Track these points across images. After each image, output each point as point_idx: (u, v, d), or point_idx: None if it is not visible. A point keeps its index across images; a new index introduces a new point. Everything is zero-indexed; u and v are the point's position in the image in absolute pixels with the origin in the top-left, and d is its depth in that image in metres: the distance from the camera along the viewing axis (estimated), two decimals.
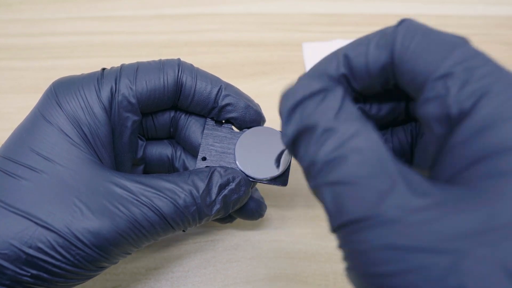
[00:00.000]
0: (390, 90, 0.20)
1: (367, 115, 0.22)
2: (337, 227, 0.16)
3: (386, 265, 0.14)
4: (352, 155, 0.15)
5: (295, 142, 0.18)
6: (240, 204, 0.27)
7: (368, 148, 0.16)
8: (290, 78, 0.42)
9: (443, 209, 0.14)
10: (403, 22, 0.19)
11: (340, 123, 0.16)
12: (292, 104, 0.18)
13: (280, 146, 0.27)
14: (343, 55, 0.20)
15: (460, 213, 0.14)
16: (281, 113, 0.18)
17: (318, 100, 0.17)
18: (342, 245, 0.16)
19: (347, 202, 0.15)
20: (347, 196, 0.15)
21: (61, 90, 0.24)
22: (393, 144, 0.23)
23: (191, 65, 0.27)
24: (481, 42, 0.44)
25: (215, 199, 0.25)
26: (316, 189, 0.17)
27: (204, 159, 0.27)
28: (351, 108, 0.17)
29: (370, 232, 0.14)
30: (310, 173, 0.17)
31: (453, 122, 0.16)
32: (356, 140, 0.16)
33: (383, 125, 0.23)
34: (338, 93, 0.18)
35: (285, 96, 0.18)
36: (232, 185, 0.26)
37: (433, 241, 0.14)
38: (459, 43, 0.17)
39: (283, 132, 0.18)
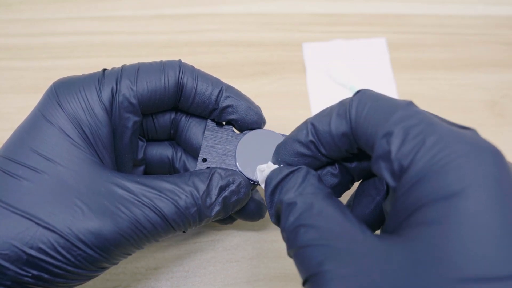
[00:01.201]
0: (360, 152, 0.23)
1: (347, 169, 0.25)
2: (303, 283, 0.19)
3: None
4: (305, 225, 0.19)
5: (278, 219, 0.22)
6: (240, 206, 0.27)
7: (318, 216, 0.19)
8: (290, 78, 0.42)
9: (371, 259, 0.17)
10: (358, 92, 0.22)
11: (298, 197, 0.21)
12: (270, 190, 0.23)
13: None
14: (311, 123, 0.23)
15: (384, 263, 0.17)
16: (265, 198, 0.23)
17: (287, 181, 0.22)
18: None
19: (304, 262, 0.19)
20: (304, 258, 0.19)
21: (62, 90, 0.24)
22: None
23: (192, 66, 0.27)
24: (481, 42, 0.44)
25: (215, 200, 0.25)
26: (290, 254, 0.20)
27: (204, 160, 0.27)
28: (311, 182, 0.22)
29: (317, 285, 0.18)
30: (285, 241, 0.21)
31: (398, 176, 0.18)
32: (309, 211, 0.20)
33: (371, 174, 0.25)
34: (301, 173, 0.22)
35: (266, 185, 0.23)
36: (233, 187, 0.26)
37: None
38: (402, 105, 0.19)
39: (269, 213, 0.23)
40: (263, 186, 0.25)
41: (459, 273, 0.15)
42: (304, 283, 0.19)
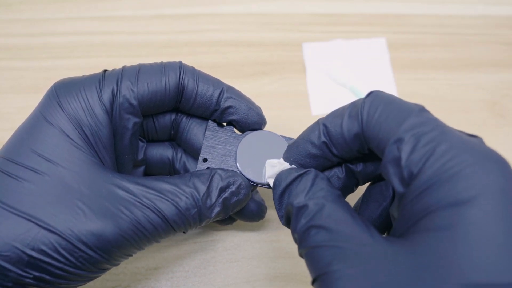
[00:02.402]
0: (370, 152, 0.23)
1: (352, 172, 0.25)
2: (312, 281, 0.20)
3: None
4: (317, 227, 0.20)
5: (288, 221, 0.23)
6: (240, 207, 0.27)
7: (328, 218, 0.20)
8: (290, 78, 0.42)
9: (379, 261, 0.17)
10: (370, 93, 0.22)
11: (309, 201, 0.21)
12: (279, 193, 0.23)
13: (280, 151, 0.27)
14: (323, 124, 0.23)
15: (391, 265, 0.17)
16: (274, 200, 0.24)
17: (296, 185, 0.23)
18: None
19: (314, 262, 0.19)
20: (314, 258, 0.19)
21: (62, 91, 0.24)
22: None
23: (193, 67, 0.27)
24: (481, 42, 0.44)
25: (215, 201, 0.25)
26: (301, 255, 0.21)
27: (205, 160, 0.27)
28: (321, 185, 0.22)
29: (325, 284, 0.18)
30: (296, 242, 0.21)
31: (406, 183, 0.19)
32: (320, 213, 0.20)
33: (376, 178, 0.26)
34: (310, 176, 0.23)
35: (274, 187, 0.24)
36: (233, 188, 0.26)
37: None
38: (414, 111, 0.20)
39: (279, 215, 0.24)
40: (271, 182, 0.25)
41: (463, 279, 0.15)
42: (313, 282, 0.20)
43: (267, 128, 0.29)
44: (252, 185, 0.27)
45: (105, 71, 0.26)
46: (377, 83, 0.42)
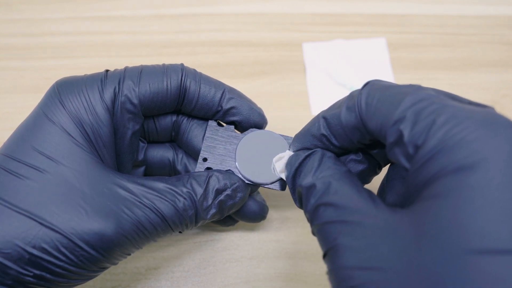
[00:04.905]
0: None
1: (370, 155, 0.25)
2: (323, 256, 0.20)
3: (345, 281, 0.18)
4: (324, 204, 0.21)
5: (301, 203, 0.23)
6: (236, 209, 0.27)
7: (334, 195, 0.21)
8: (290, 78, 0.42)
9: (381, 232, 0.18)
10: (367, 84, 0.22)
11: (317, 180, 0.22)
12: (291, 176, 0.24)
13: (280, 150, 0.27)
14: (323, 117, 0.24)
15: (393, 235, 0.17)
16: (288, 184, 0.25)
17: (304, 166, 0.23)
18: (327, 270, 0.20)
19: (323, 238, 0.20)
20: (323, 234, 0.20)
21: (64, 90, 0.24)
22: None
23: (194, 70, 0.27)
24: (481, 42, 0.44)
25: (211, 203, 0.25)
26: (313, 232, 0.22)
27: (205, 160, 0.27)
28: (327, 164, 0.23)
29: (332, 257, 0.19)
30: (308, 221, 0.22)
31: (412, 158, 0.18)
32: (327, 191, 0.21)
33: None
34: (316, 156, 0.23)
35: (286, 172, 0.25)
36: (228, 191, 0.26)
37: (371, 261, 0.17)
38: (410, 91, 0.20)
39: (293, 198, 0.24)
40: (282, 176, 0.26)
41: (464, 245, 0.15)
42: (324, 256, 0.20)
43: (267, 128, 0.29)
44: (250, 186, 0.27)
45: (107, 71, 0.26)
46: None
